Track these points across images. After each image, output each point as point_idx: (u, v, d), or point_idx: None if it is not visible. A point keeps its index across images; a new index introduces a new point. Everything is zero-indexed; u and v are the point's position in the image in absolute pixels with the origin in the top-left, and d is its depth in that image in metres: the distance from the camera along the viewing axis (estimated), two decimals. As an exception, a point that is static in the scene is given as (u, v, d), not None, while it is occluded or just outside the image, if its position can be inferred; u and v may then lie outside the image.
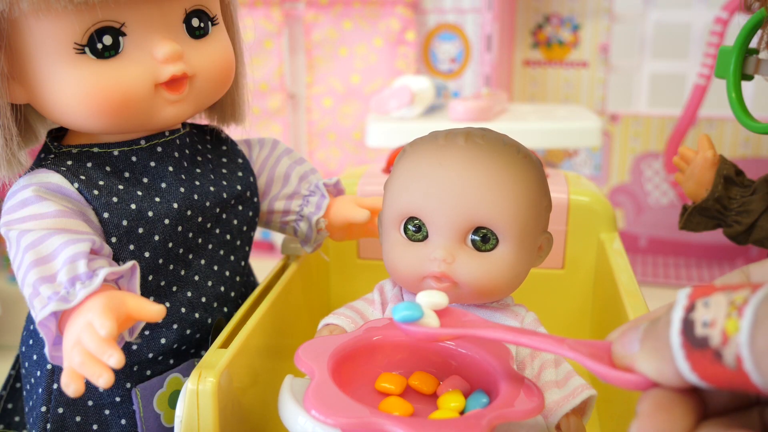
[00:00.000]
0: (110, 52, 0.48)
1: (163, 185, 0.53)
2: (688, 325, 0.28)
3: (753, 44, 0.58)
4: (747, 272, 0.33)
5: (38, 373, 0.54)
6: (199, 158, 0.57)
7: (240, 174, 0.59)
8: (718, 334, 0.26)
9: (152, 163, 0.53)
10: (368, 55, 1.44)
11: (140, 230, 0.51)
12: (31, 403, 0.55)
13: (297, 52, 1.49)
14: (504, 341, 0.39)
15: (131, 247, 0.51)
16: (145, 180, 0.53)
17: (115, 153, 0.53)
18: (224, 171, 0.58)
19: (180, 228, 0.54)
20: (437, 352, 0.47)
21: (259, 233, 1.49)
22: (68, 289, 0.44)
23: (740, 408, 0.31)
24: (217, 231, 0.57)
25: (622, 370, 0.32)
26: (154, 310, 0.42)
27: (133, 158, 0.53)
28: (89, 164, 0.52)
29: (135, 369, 0.54)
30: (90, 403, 0.53)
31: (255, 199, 0.61)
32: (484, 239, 0.48)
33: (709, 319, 0.27)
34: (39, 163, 0.53)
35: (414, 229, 0.49)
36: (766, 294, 0.26)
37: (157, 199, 0.52)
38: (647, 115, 1.45)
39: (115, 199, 0.51)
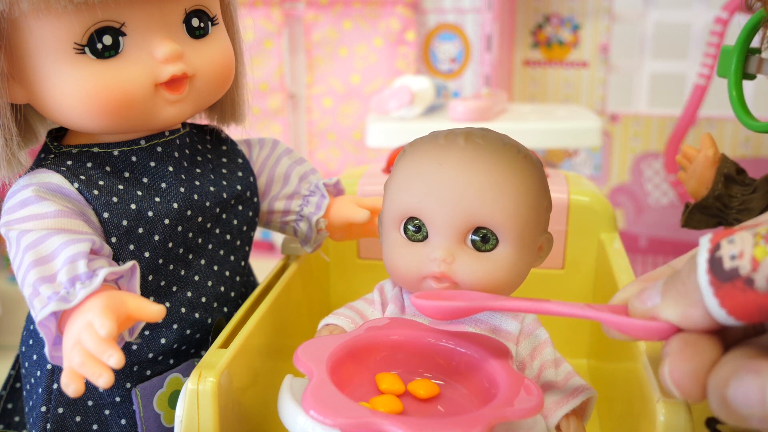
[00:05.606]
0: (110, 52, 0.48)
1: (163, 185, 0.53)
2: (715, 263, 0.30)
3: (755, 44, 0.58)
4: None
5: (38, 373, 0.54)
6: (199, 158, 0.57)
7: (240, 174, 0.59)
8: (748, 262, 0.29)
9: (152, 163, 0.53)
10: (368, 55, 1.44)
11: (140, 230, 0.51)
12: (31, 403, 0.55)
13: (297, 52, 1.49)
14: (522, 310, 0.39)
15: (131, 247, 0.51)
16: (145, 180, 0.53)
17: (115, 153, 0.53)
18: (224, 171, 0.58)
19: (180, 228, 0.54)
20: (437, 351, 0.47)
21: (259, 233, 1.49)
22: (68, 289, 0.44)
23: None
24: (217, 231, 0.57)
25: (645, 319, 0.34)
26: (154, 310, 0.42)
27: (133, 158, 0.53)
28: (89, 164, 0.52)
29: (135, 369, 0.54)
30: (90, 403, 0.53)
31: (255, 199, 0.61)
32: (484, 239, 0.48)
33: (737, 252, 0.29)
34: (39, 163, 0.53)
35: (414, 229, 0.49)
36: None
37: (157, 199, 0.52)
38: (647, 115, 1.45)
39: (115, 199, 0.51)
